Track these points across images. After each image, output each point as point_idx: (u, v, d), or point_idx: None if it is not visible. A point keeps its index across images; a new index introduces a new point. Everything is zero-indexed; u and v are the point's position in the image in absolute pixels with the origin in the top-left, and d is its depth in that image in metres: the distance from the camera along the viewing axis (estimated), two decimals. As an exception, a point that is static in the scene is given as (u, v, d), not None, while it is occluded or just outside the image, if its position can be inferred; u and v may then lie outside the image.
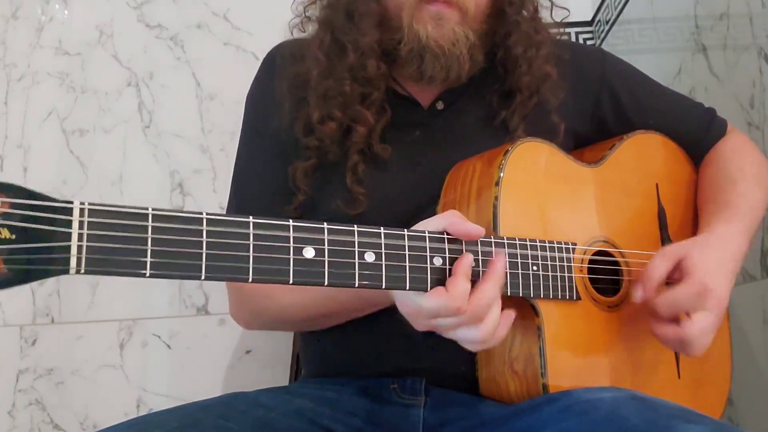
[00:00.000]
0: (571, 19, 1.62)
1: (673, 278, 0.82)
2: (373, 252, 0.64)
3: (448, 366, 0.85)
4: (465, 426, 0.82)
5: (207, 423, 0.76)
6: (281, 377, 1.39)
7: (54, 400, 1.43)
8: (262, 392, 0.87)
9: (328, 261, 0.62)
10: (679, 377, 0.91)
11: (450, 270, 0.67)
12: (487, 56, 0.95)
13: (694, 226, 0.99)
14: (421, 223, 0.71)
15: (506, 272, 0.73)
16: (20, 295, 1.45)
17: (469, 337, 0.68)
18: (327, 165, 0.92)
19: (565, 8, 1.02)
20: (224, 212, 1.01)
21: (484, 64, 0.94)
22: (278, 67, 0.98)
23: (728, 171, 0.97)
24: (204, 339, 1.48)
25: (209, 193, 1.53)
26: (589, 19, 1.68)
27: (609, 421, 0.67)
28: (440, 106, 0.96)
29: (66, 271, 0.51)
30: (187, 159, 1.54)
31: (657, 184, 0.97)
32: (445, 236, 0.69)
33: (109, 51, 1.57)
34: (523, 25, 0.94)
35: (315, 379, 0.96)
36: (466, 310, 0.66)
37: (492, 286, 0.68)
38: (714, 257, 0.83)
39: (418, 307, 0.66)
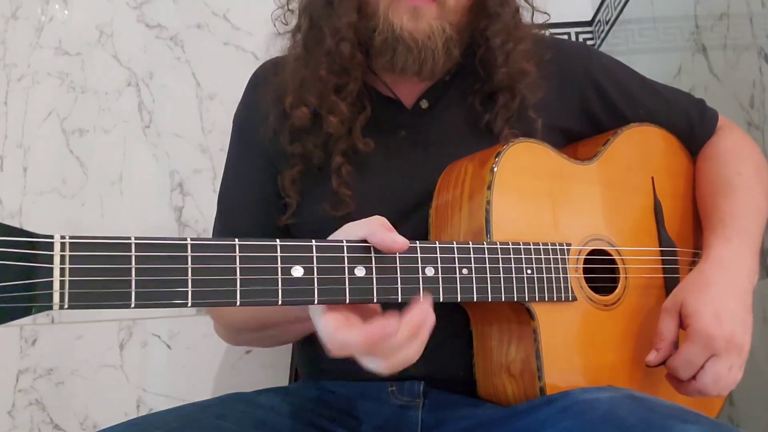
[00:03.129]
0: (571, 19, 1.62)
1: (681, 326, 0.83)
2: (364, 267, 0.63)
3: (447, 371, 0.85)
4: (463, 427, 0.81)
5: (206, 423, 0.76)
6: (281, 377, 1.39)
7: (54, 400, 1.43)
8: (262, 392, 0.87)
9: (318, 279, 0.61)
10: (677, 377, 0.91)
11: (442, 278, 0.67)
12: (467, 53, 0.94)
13: (692, 218, 0.99)
14: (343, 227, 0.67)
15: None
16: (20, 295, 1.45)
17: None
18: (313, 170, 0.92)
19: (545, 13, 1.01)
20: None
21: (460, 59, 0.93)
22: (261, 81, 0.98)
23: (727, 175, 0.95)
24: (204, 339, 1.48)
25: (209, 193, 1.53)
26: (589, 19, 1.68)
27: (606, 421, 0.67)
28: (424, 104, 0.95)
29: (49, 308, 0.50)
30: (187, 159, 1.54)
31: (653, 178, 0.96)
32: (437, 245, 0.69)
33: (109, 51, 1.57)
34: (504, 16, 0.93)
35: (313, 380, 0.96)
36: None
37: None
38: (711, 295, 0.81)
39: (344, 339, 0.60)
